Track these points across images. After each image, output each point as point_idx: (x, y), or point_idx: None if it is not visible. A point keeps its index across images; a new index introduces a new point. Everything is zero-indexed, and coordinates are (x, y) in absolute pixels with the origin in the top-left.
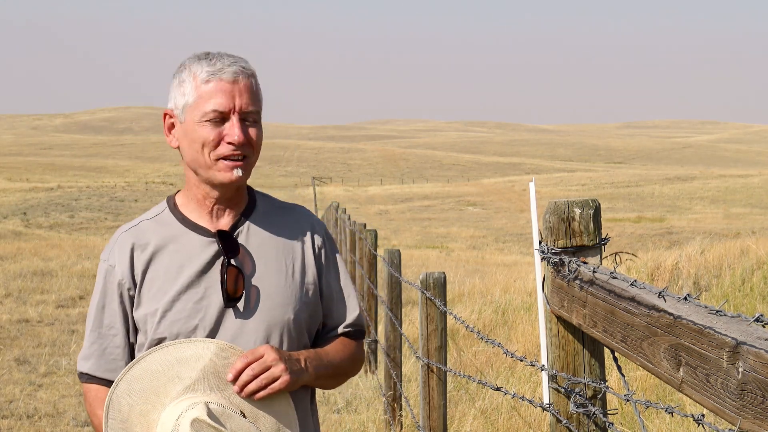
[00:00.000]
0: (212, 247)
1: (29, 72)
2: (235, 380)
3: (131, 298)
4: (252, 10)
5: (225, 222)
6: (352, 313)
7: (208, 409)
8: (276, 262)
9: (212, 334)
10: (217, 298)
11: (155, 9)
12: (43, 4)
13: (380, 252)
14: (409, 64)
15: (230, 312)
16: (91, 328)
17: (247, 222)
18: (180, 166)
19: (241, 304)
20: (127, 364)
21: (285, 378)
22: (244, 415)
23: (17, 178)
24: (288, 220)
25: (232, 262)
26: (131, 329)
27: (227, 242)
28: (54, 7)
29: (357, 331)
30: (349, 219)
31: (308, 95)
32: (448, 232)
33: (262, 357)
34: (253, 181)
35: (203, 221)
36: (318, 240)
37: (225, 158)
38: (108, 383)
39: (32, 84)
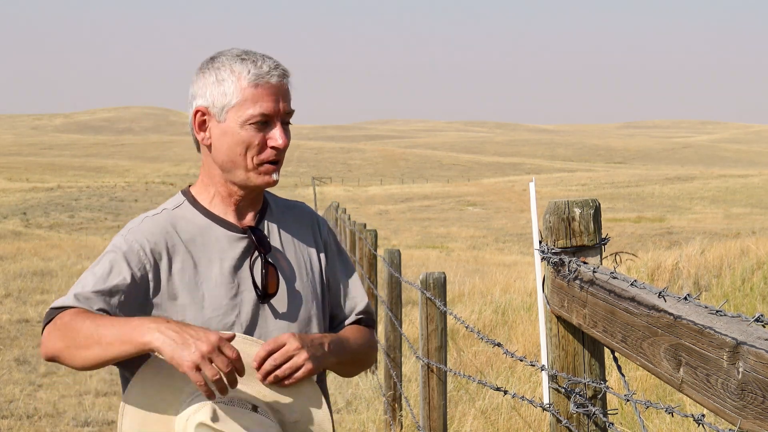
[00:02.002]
0: (242, 242)
1: (29, 72)
2: (258, 369)
3: (146, 282)
4: (252, 10)
5: (249, 219)
6: (362, 303)
7: (214, 411)
8: (296, 260)
9: (249, 330)
10: (250, 295)
11: (155, 8)
12: (43, 4)
13: (380, 252)
14: (409, 64)
15: (265, 309)
16: (91, 286)
17: (266, 220)
18: (179, 166)
19: (274, 301)
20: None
21: (308, 366)
22: (255, 409)
23: (17, 178)
24: (296, 218)
25: (268, 258)
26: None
27: (260, 239)
28: (54, 6)
29: (369, 319)
30: (349, 219)
31: (308, 95)
32: (448, 232)
33: (284, 345)
34: None
35: (229, 217)
36: (324, 236)
37: (267, 162)
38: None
39: (32, 84)
